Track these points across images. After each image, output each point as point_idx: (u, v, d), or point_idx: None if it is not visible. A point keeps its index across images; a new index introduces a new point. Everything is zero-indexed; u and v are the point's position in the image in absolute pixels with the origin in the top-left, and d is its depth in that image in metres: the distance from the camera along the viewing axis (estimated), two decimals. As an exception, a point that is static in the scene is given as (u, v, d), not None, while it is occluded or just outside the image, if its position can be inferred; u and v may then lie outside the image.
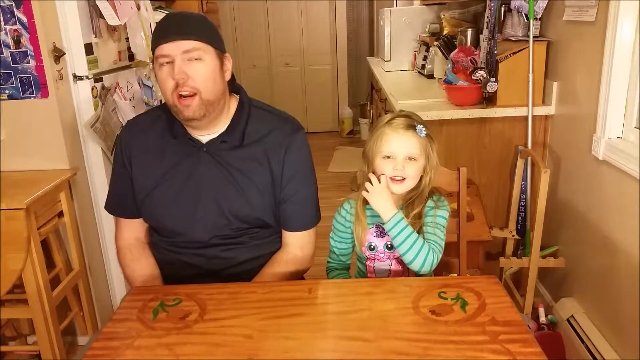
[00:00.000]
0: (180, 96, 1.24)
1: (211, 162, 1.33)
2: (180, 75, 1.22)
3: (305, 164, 1.39)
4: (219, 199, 1.33)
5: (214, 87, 1.27)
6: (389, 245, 1.37)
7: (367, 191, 1.32)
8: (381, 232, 1.37)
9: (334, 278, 1.47)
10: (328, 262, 1.51)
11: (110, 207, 1.46)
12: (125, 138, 1.40)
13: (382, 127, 1.34)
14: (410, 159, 1.31)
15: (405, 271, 1.39)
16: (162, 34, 1.24)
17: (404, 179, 1.31)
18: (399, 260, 1.38)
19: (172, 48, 1.22)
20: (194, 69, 1.23)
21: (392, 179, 1.32)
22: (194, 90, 1.24)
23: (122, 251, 1.44)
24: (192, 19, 1.28)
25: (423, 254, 1.27)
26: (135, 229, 1.44)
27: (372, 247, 1.39)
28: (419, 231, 1.33)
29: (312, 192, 1.42)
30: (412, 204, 1.36)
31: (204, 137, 1.34)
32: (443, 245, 1.33)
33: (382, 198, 1.30)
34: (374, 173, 1.34)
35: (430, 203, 1.36)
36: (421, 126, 1.31)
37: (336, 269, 1.49)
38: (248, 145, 1.34)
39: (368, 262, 1.42)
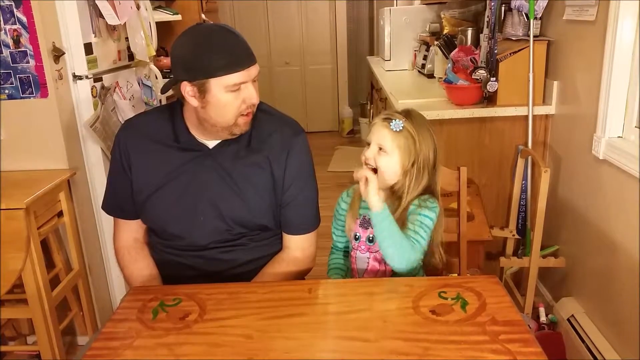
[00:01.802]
0: (243, 114, 1.27)
1: (215, 168, 1.33)
2: (255, 100, 1.26)
3: (307, 167, 1.39)
4: (220, 204, 1.33)
5: None
6: (371, 238, 1.37)
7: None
8: (366, 223, 1.38)
9: (329, 263, 1.52)
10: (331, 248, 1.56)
11: (108, 207, 1.45)
12: (123, 138, 1.38)
13: (377, 117, 1.37)
14: (380, 149, 1.31)
15: (382, 265, 1.38)
16: (234, 61, 1.20)
17: (374, 169, 1.31)
18: (377, 257, 1.38)
19: (248, 75, 1.23)
20: (256, 88, 1.27)
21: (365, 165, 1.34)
22: (254, 108, 1.30)
23: (121, 252, 1.43)
24: (244, 40, 1.26)
25: (405, 252, 1.24)
26: (133, 229, 1.43)
27: (356, 236, 1.40)
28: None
29: (313, 195, 1.42)
30: (392, 205, 1.33)
31: (211, 142, 1.34)
32: (425, 246, 1.30)
33: (372, 187, 1.27)
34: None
35: (415, 202, 1.33)
36: (399, 121, 1.29)
37: (333, 252, 1.55)
38: (252, 150, 1.34)
39: (352, 253, 1.43)
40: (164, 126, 1.36)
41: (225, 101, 1.23)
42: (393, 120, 1.29)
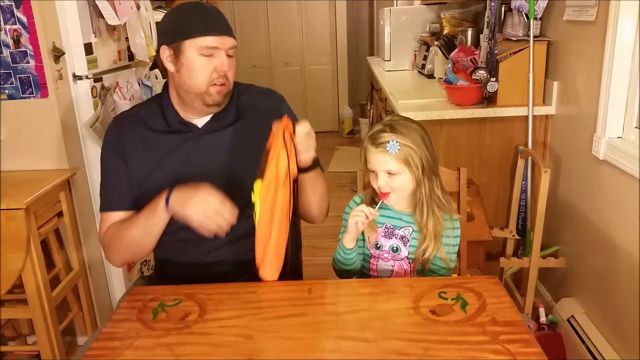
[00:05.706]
0: (214, 83, 1.32)
1: (208, 145, 1.36)
2: (226, 69, 1.32)
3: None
4: (220, 180, 1.30)
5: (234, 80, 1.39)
6: (395, 248, 1.37)
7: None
8: (390, 232, 1.38)
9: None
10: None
11: (112, 205, 1.39)
12: (115, 127, 1.41)
13: (366, 140, 1.36)
14: (390, 173, 1.31)
15: (408, 273, 1.39)
16: (210, 26, 1.29)
17: (388, 192, 1.33)
18: (402, 264, 1.38)
19: (221, 42, 1.30)
20: (231, 64, 1.34)
21: (380, 193, 1.34)
22: (227, 81, 1.34)
23: (106, 238, 1.39)
24: (224, 17, 1.35)
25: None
26: (121, 217, 1.39)
27: (378, 245, 1.39)
28: (427, 249, 1.34)
29: None
30: (418, 215, 1.35)
31: (199, 120, 1.38)
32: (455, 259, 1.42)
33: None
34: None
35: (447, 224, 1.36)
36: (393, 142, 1.28)
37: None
38: (241, 119, 1.40)
39: (372, 260, 1.42)
40: (153, 113, 1.40)
41: (197, 65, 1.29)
42: (387, 144, 1.28)
